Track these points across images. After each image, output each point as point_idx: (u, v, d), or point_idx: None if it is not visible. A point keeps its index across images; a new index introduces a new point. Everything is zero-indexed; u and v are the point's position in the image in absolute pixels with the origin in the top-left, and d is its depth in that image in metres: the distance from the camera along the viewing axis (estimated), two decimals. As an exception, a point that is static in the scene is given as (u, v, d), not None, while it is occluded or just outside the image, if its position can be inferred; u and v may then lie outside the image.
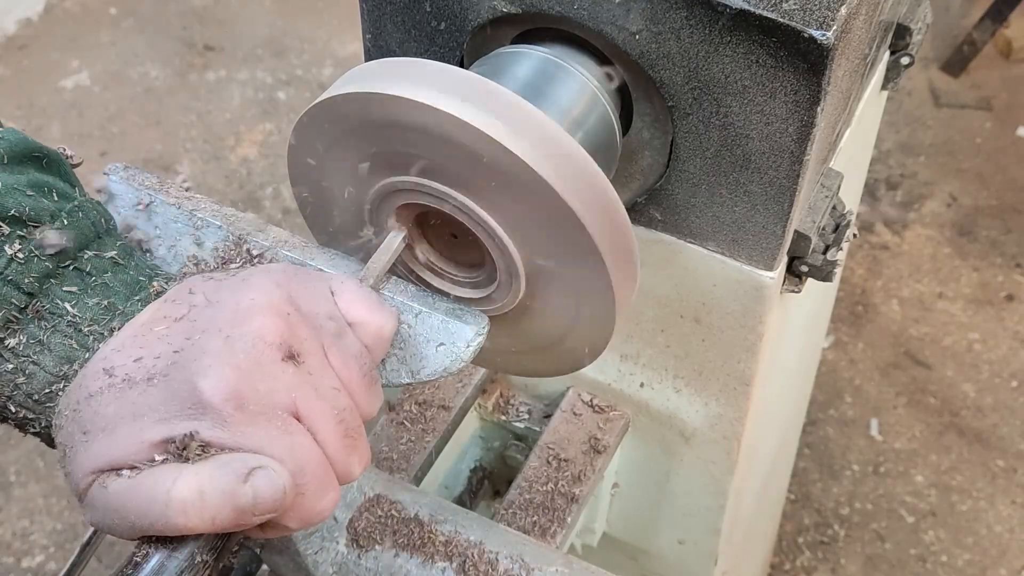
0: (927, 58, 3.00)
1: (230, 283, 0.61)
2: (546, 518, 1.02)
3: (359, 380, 0.61)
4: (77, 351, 0.60)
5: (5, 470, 2.13)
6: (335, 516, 0.85)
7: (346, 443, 0.59)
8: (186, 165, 2.69)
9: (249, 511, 0.54)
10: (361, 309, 0.63)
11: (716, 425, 1.02)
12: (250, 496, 0.54)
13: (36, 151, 0.65)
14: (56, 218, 0.62)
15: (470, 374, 1.11)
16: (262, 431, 0.56)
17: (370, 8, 0.86)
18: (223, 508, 0.54)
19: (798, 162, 0.77)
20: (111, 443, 0.55)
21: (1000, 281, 2.49)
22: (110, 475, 0.55)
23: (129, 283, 0.63)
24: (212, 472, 0.54)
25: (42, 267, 0.60)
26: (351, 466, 0.60)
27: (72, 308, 0.60)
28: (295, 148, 0.74)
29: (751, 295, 0.88)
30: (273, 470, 0.55)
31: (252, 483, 0.54)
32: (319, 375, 0.59)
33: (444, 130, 0.65)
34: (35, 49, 2.98)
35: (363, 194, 0.73)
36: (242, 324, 0.57)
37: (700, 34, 0.73)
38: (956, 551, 2.06)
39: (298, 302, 0.60)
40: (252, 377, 0.56)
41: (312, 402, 0.58)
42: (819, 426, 2.23)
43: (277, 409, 0.56)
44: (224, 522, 0.54)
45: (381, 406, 0.64)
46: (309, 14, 3.12)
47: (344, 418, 0.59)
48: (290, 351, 0.58)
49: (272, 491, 0.55)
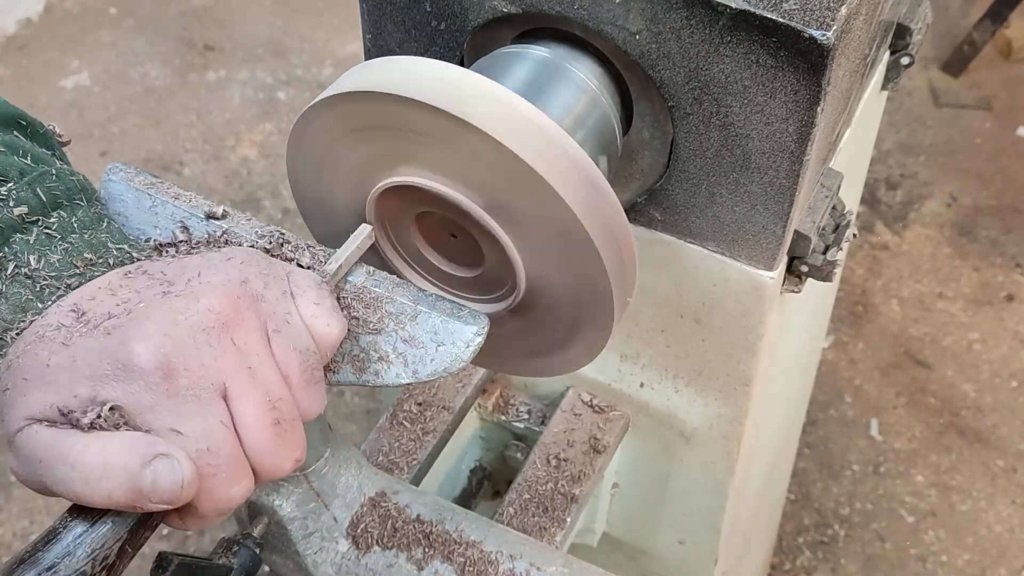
0: (927, 58, 3.00)
1: (192, 260, 0.62)
2: (546, 518, 1.02)
3: (299, 374, 0.61)
4: (32, 302, 0.60)
5: (5, 470, 2.13)
6: (335, 516, 0.85)
7: (275, 431, 0.59)
8: (186, 165, 2.69)
9: (146, 496, 0.54)
10: (313, 308, 0.63)
11: (716, 425, 1.02)
12: (148, 481, 0.54)
13: (20, 118, 0.67)
14: (26, 175, 0.63)
15: (470, 374, 1.11)
16: (183, 406, 0.56)
17: (370, 8, 0.86)
18: (120, 486, 0.54)
19: (798, 162, 0.77)
20: (46, 391, 0.56)
21: (1000, 281, 2.49)
22: (40, 424, 0.56)
23: (94, 246, 0.63)
24: (119, 448, 0.54)
25: (7, 220, 0.61)
26: (279, 458, 0.59)
27: (35, 262, 0.61)
28: (295, 147, 0.74)
29: (751, 295, 0.88)
30: (176, 460, 0.55)
31: (153, 468, 0.54)
32: (257, 361, 0.59)
33: (444, 129, 0.65)
34: (35, 49, 2.98)
35: (362, 194, 0.73)
36: (192, 299, 0.58)
37: (700, 34, 0.73)
38: (956, 551, 2.05)
39: (252, 287, 0.60)
40: (186, 350, 0.56)
41: (244, 385, 0.58)
42: (819, 426, 2.23)
43: (205, 386, 0.56)
44: (119, 500, 0.54)
45: (322, 410, 0.63)
46: (309, 14, 3.12)
47: (277, 407, 0.59)
48: (232, 333, 0.58)
49: (171, 481, 0.55)
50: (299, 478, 0.82)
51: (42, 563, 0.54)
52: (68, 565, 0.54)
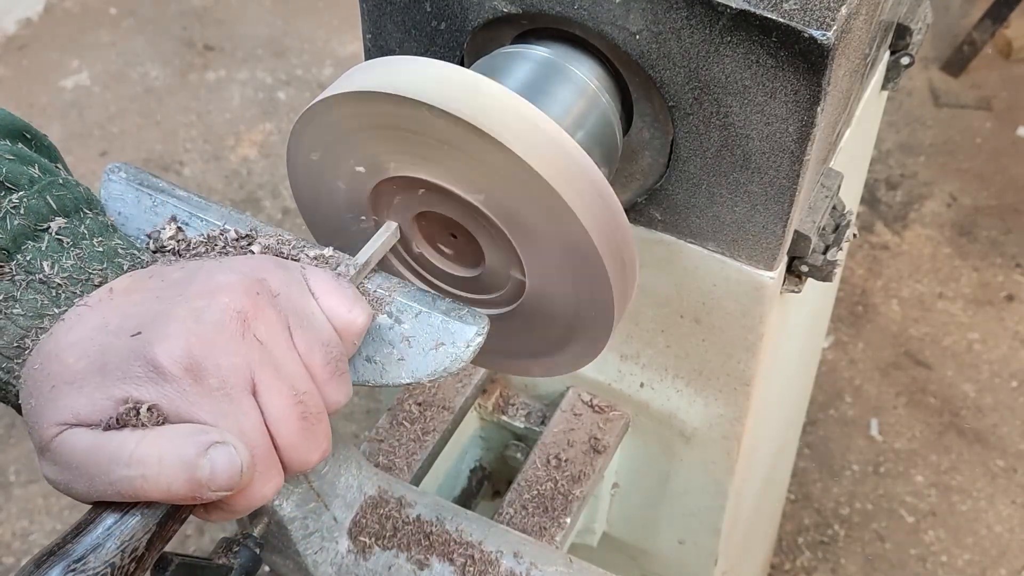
0: (927, 58, 3.00)
1: (210, 262, 0.62)
2: (546, 518, 1.02)
3: (323, 366, 0.61)
4: (49, 307, 0.60)
5: (5, 470, 2.13)
6: (335, 516, 0.85)
7: (303, 426, 0.59)
8: (186, 165, 2.69)
9: (205, 485, 0.54)
10: (333, 300, 0.63)
11: (716, 425, 1.02)
12: (207, 470, 0.54)
13: (25, 130, 0.67)
14: (35, 183, 0.63)
15: (470, 374, 1.11)
16: (217, 405, 0.56)
17: (370, 8, 0.86)
18: (179, 478, 0.54)
19: (798, 162, 0.77)
20: (78, 396, 0.56)
21: (1000, 281, 2.49)
22: (76, 429, 0.56)
23: (107, 252, 0.64)
24: (174, 440, 0.54)
25: (19, 227, 0.61)
26: (306, 451, 0.60)
27: (48, 268, 0.61)
28: (295, 147, 0.74)
29: (751, 295, 0.88)
30: (234, 447, 0.55)
31: (210, 457, 0.54)
32: (281, 355, 0.59)
33: (444, 129, 0.65)
34: (35, 49, 2.98)
35: (362, 194, 0.73)
36: (210, 297, 0.58)
37: (700, 34, 0.73)
38: (956, 551, 2.05)
39: (271, 285, 0.61)
40: (212, 349, 0.56)
41: (271, 380, 0.58)
42: (819, 426, 2.23)
43: (234, 384, 0.56)
44: (178, 492, 0.54)
45: (347, 400, 0.63)
46: (309, 14, 3.12)
47: (303, 400, 0.59)
48: (255, 329, 0.58)
49: (230, 469, 0.55)
50: (299, 478, 0.82)
51: (72, 555, 0.54)
52: (98, 557, 0.54)
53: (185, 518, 0.59)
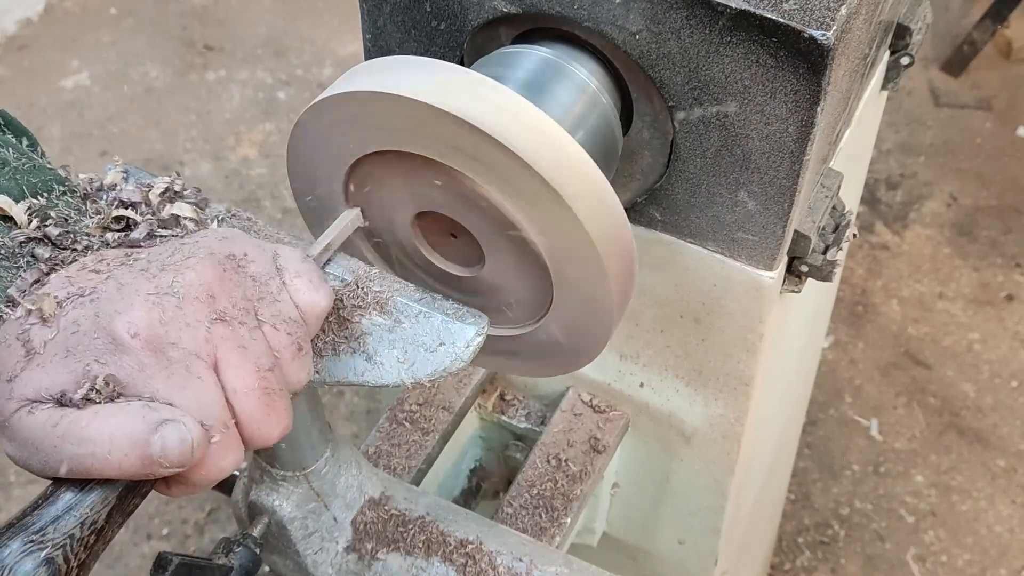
0: (927, 58, 3.00)
1: (175, 240, 0.63)
2: (546, 518, 1.02)
3: (287, 345, 0.61)
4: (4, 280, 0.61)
5: (5, 470, 2.13)
6: (335, 516, 0.85)
7: (264, 401, 0.59)
8: (186, 165, 2.69)
9: (157, 462, 0.55)
10: (299, 282, 0.63)
11: (716, 425, 1.02)
12: (157, 448, 0.54)
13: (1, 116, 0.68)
14: (6, 166, 0.63)
15: (470, 374, 1.11)
16: (175, 377, 0.56)
17: (370, 8, 0.86)
18: (129, 455, 0.54)
19: (798, 162, 0.77)
20: (41, 372, 0.56)
21: (1000, 281, 2.49)
22: (37, 404, 0.56)
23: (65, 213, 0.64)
24: (125, 418, 0.55)
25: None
26: (267, 427, 0.60)
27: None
28: (295, 147, 0.74)
29: (751, 295, 0.88)
30: (184, 424, 0.55)
31: (161, 434, 0.54)
32: (246, 332, 0.59)
33: (444, 129, 0.65)
34: (35, 49, 2.98)
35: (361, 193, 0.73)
36: (176, 272, 0.58)
37: (700, 34, 0.73)
38: (956, 551, 2.05)
39: (238, 261, 0.61)
40: (174, 323, 0.56)
41: (232, 356, 0.58)
42: (819, 426, 2.23)
43: (195, 358, 0.57)
44: (130, 469, 0.55)
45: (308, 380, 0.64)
46: (309, 14, 3.12)
47: (266, 377, 0.59)
48: (220, 304, 0.58)
49: (181, 446, 0.55)
50: (299, 478, 0.82)
51: (31, 527, 0.54)
52: (57, 529, 0.54)
53: (147, 492, 0.59)
